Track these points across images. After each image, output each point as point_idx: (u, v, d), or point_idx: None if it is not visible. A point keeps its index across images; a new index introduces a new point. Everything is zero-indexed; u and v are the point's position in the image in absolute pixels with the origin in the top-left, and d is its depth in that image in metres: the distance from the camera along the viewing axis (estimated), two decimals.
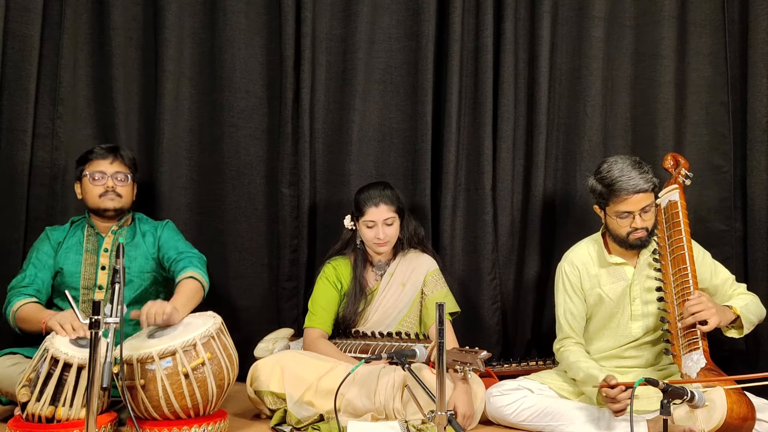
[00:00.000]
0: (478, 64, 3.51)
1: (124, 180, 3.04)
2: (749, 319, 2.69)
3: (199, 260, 3.00)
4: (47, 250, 3.00)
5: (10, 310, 2.85)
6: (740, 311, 2.67)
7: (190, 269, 2.91)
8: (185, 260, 2.97)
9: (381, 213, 3.02)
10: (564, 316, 2.88)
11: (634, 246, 2.78)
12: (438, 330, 2.00)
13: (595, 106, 3.47)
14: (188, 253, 3.01)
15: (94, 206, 3.02)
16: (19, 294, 2.88)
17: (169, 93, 3.49)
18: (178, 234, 3.13)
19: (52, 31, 3.44)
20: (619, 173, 2.69)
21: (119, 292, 2.19)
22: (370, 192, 3.07)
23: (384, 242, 3.05)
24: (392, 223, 3.05)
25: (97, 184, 3.00)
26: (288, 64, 3.49)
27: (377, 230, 3.02)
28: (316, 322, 3.07)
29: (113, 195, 3.01)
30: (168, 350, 2.45)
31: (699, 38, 3.42)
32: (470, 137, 3.54)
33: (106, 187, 2.99)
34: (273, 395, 2.78)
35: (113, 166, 3.03)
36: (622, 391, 2.46)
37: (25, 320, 2.81)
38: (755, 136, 3.30)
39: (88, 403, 2.01)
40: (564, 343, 2.86)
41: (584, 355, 2.80)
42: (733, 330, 2.71)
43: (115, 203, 3.01)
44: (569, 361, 2.77)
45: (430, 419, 2.04)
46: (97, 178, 3.00)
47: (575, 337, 2.85)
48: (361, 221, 3.06)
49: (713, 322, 2.56)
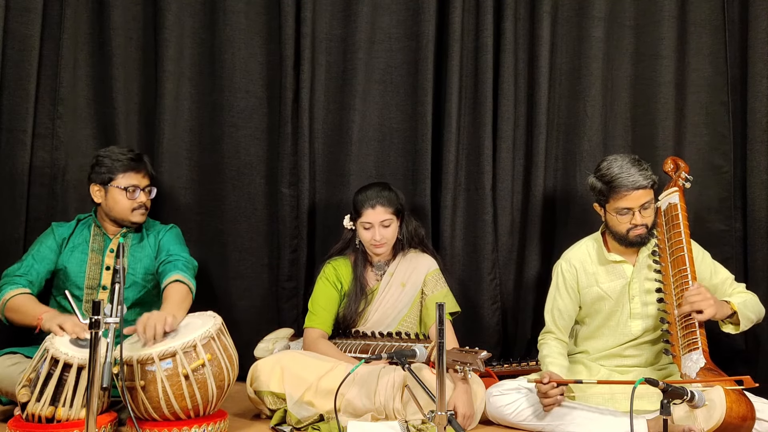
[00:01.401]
0: (478, 64, 3.51)
1: (151, 194, 3.05)
2: (746, 316, 2.71)
3: (185, 263, 2.94)
4: (50, 245, 2.99)
5: (0, 298, 2.82)
6: (737, 307, 2.69)
7: (174, 272, 2.86)
8: (171, 263, 2.92)
9: (377, 215, 3.02)
10: (551, 312, 2.92)
11: (634, 243, 2.80)
12: (438, 330, 2.00)
13: (595, 106, 3.47)
14: (177, 255, 2.97)
15: (121, 218, 2.99)
16: (12, 283, 2.85)
17: (169, 93, 3.49)
18: (178, 238, 3.11)
19: (52, 31, 3.44)
20: (618, 170, 2.72)
21: (119, 292, 2.19)
22: (367, 193, 3.06)
23: (381, 244, 3.04)
24: (389, 225, 3.04)
25: (132, 198, 2.98)
26: (288, 64, 3.49)
27: (374, 232, 3.02)
28: (316, 322, 3.07)
29: (143, 210, 3.02)
30: (168, 351, 2.45)
31: (699, 38, 3.42)
32: (470, 137, 3.54)
33: (139, 203, 2.99)
34: (273, 395, 2.78)
35: (145, 179, 3.03)
36: (553, 387, 2.55)
37: (17, 311, 2.78)
38: (755, 136, 3.30)
39: (88, 403, 2.01)
40: (545, 337, 2.91)
41: (557, 351, 2.83)
42: (730, 325, 2.73)
43: (143, 218, 3.03)
44: (541, 353, 2.86)
45: (430, 419, 2.04)
46: (132, 191, 2.98)
47: (557, 332, 2.90)
48: (359, 222, 3.06)
49: (709, 312, 2.59)
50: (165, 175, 3.49)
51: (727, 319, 2.71)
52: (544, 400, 2.59)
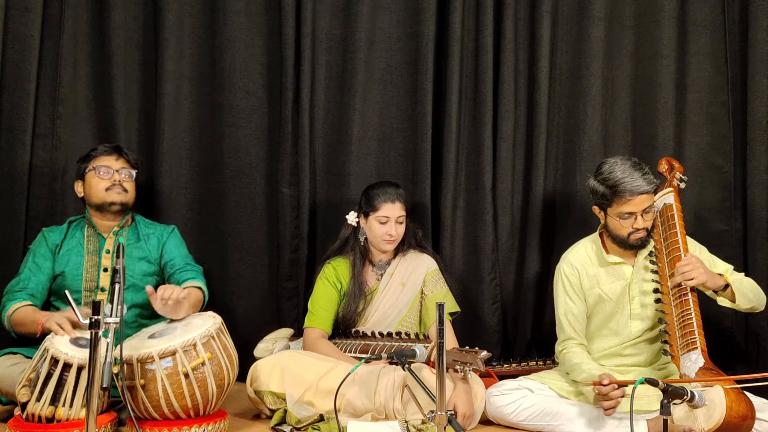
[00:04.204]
0: (478, 64, 3.51)
1: (129, 177, 3.05)
2: (742, 292, 2.71)
3: (201, 272, 3.06)
4: (44, 253, 2.98)
5: (5, 314, 2.84)
6: (730, 279, 2.70)
7: (197, 280, 2.98)
8: (191, 272, 3.03)
9: (396, 210, 3.04)
10: (565, 317, 2.88)
11: (634, 246, 2.80)
12: (438, 330, 2.00)
13: (595, 106, 3.47)
14: (193, 266, 3.07)
15: (99, 200, 3.00)
16: (14, 298, 2.87)
17: (169, 93, 3.49)
18: (183, 242, 3.15)
19: (52, 31, 3.44)
20: (621, 174, 2.70)
21: (119, 292, 2.19)
22: (385, 188, 3.08)
23: (393, 240, 3.06)
24: (403, 222, 3.08)
25: (104, 177, 2.99)
26: (288, 64, 3.50)
27: (390, 226, 3.04)
28: (316, 322, 3.07)
29: (120, 189, 3.01)
30: (168, 350, 2.45)
31: (699, 38, 3.42)
32: (470, 137, 3.54)
33: (112, 180, 3.00)
34: (273, 395, 2.78)
35: (119, 162, 3.04)
36: (614, 389, 2.49)
37: (21, 323, 2.80)
38: (755, 136, 3.30)
39: (88, 403, 2.01)
40: (566, 345, 2.86)
41: (587, 357, 2.80)
42: (726, 300, 2.73)
43: (121, 197, 3.01)
44: (572, 362, 2.77)
45: (430, 419, 2.04)
46: (104, 172, 3.00)
47: (577, 338, 2.86)
48: (373, 216, 3.06)
49: (700, 279, 2.61)
50: (165, 175, 3.49)
51: (720, 292, 2.72)
52: (605, 403, 2.51)
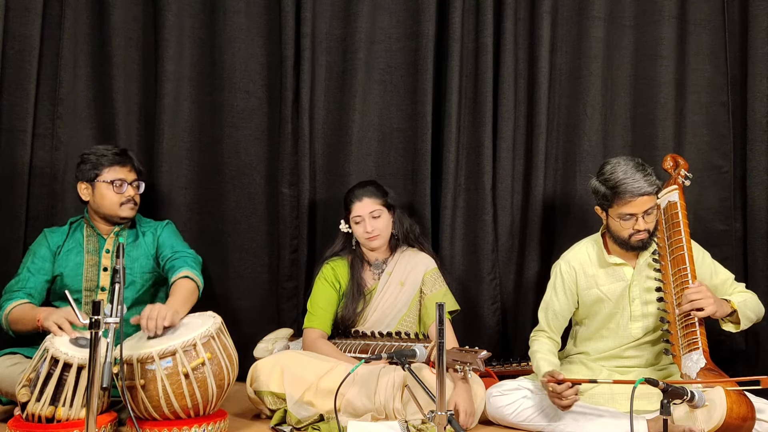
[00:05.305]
0: (478, 64, 3.51)
1: (139, 188, 3.04)
2: (746, 315, 2.71)
3: (194, 260, 2.97)
4: (44, 254, 2.97)
5: (2, 314, 2.84)
6: (737, 305, 2.69)
7: (185, 269, 2.89)
8: (180, 259, 2.95)
9: (365, 206, 3.04)
10: (545, 311, 2.91)
11: (635, 248, 2.78)
12: (438, 330, 2.00)
13: (595, 106, 3.47)
14: (183, 252, 2.99)
15: (110, 213, 2.98)
16: (11, 297, 2.87)
17: (169, 93, 3.49)
18: (176, 234, 3.12)
19: (52, 31, 3.44)
20: (623, 175, 2.68)
21: (119, 292, 2.19)
22: (353, 190, 3.12)
23: (374, 236, 3.05)
24: (379, 215, 3.06)
25: (119, 192, 2.96)
26: (288, 64, 3.50)
27: (366, 224, 3.04)
28: (316, 323, 3.07)
29: (132, 204, 3.00)
30: (168, 350, 2.45)
31: (699, 38, 3.42)
32: (470, 137, 3.54)
33: (127, 196, 2.97)
34: (273, 395, 2.78)
35: (131, 173, 3.01)
36: (568, 388, 2.51)
37: (18, 321, 2.79)
38: (755, 136, 3.30)
39: (88, 403, 2.01)
40: (537, 335, 2.91)
41: (547, 348, 2.83)
42: (730, 324, 2.73)
43: (132, 212, 3.01)
44: (531, 350, 2.85)
45: (430, 419, 2.04)
46: (119, 185, 2.96)
47: (549, 332, 2.89)
48: (351, 219, 3.09)
49: (710, 310, 2.59)
50: (164, 175, 3.49)
51: (727, 318, 2.71)
52: (559, 402, 2.55)
